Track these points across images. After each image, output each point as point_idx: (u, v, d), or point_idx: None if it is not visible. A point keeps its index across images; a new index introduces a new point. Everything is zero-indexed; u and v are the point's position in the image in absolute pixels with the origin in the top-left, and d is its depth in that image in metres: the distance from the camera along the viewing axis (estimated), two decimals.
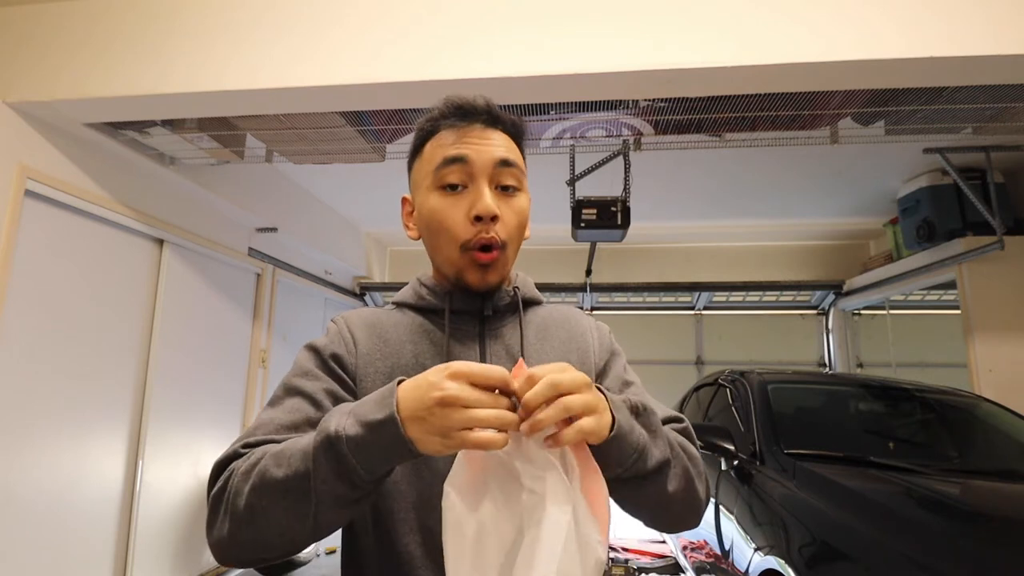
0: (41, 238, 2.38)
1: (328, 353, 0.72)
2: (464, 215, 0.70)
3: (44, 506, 2.38)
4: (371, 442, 0.52)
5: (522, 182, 0.74)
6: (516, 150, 0.75)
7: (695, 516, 0.70)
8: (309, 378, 0.69)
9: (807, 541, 1.72)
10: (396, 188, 4.09)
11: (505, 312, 0.79)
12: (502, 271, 0.74)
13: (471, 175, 0.70)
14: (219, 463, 0.62)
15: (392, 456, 0.53)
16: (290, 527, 0.55)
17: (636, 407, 0.64)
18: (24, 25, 2.29)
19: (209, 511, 0.60)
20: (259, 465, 0.57)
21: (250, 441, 0.62)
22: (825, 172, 3.81)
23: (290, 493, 0.54)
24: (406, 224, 0.80)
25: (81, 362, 2.58)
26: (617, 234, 3.09)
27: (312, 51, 2.08)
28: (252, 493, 0.56)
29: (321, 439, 0.54)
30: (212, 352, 3.50)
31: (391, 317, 0.78)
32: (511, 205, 0.72)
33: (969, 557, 1.41)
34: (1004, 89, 2.09)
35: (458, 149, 0.71)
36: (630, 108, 2.34)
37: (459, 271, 0.73)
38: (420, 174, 0.75)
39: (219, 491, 0.59)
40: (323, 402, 0.67)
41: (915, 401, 2.56)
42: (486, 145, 0.71)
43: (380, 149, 2.79)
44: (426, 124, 0.75)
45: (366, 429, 0.53)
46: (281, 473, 0.55)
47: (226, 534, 0.57)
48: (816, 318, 5.42)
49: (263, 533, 0.56)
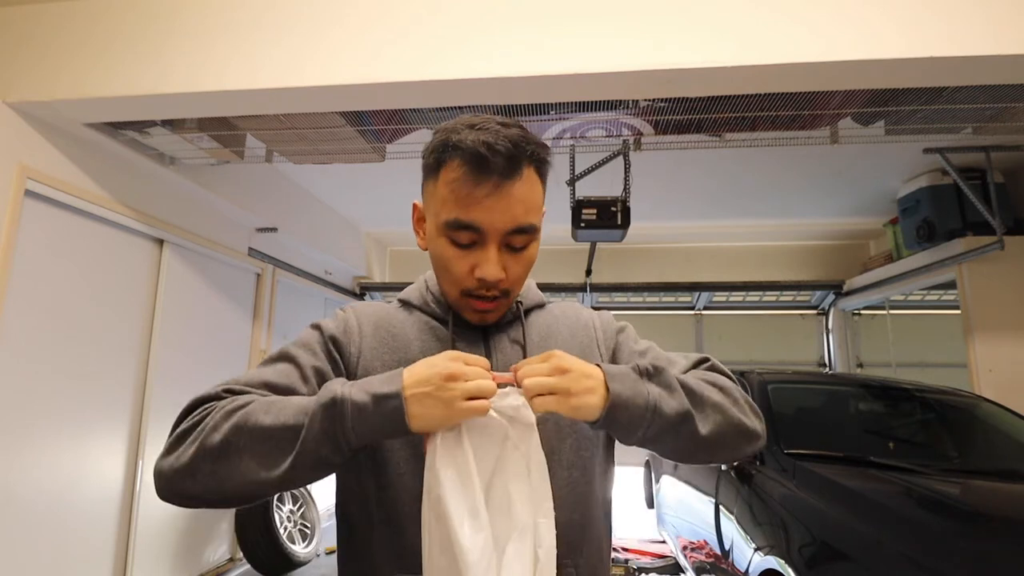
0: (41, 238, 2.38)
1: (328, 334, 0.74)
2: (468, 270, 0.70)
3: (44, 506, 2.38)
4: (373, 411, 0.58)
5: (535, 236, 0.72)
6: (536, 195, 0.71)
7: (749, 441, 0.71)
8: (306, 351, 0.72)
9: (807, 541, 1.72)
10: (396, 188, 4.10)
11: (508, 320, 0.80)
12: (503, 311, 0.76)
13: (482, 238, 0.68)
14: (196, 400, 0.65)
15: (386, 428, 0.59)
16: (256, 472, 0.58)
17: (645, 370, 0.67)
18: (24, 25, 2.29)
19: (172, 439, 0.62)
20: (245, 408, 0.60)
21: (232, 388, 0.65)
22: (825, 172, 3.81)
23: (272, 440, 0.58)
24: (416, 230, 0.80)
25: (81, 362, 2.58)
26: (617, 234, 3.09)
27: (312, 51, 2.08)
28: (232, 431, 0.59)
29: (326, 399, 0.59)
30: (212, 352, 3.50)
31: (398, 314, 0.80)
32: (519, 259, 0.72)
33: (969, 557, 1.41)
34: (1004, 89, 2.09)
35: (470, 216, 0.67)
36: (630, 108, 2.34)
37: (458, 309, 0.76)
38: (431, 201, 0.72)
39: (193, 423, 0.62)
40: (310, 378, 0.70)
41: (915, 401, 2.56)
42: (502, 209, 0.67)
43: (380, 149, 2.79)
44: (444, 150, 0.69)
45: (371, 399, 0.59)
46: (269, 420, 0.59)
47: (186, 461, 0.59)
48: (816, 318, 5.42)
49: (227, 470, 0.59)
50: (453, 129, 0.69)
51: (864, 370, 5.08)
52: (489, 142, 0.66)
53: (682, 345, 5.54)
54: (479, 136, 0.66)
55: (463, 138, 0.67)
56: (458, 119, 0.72)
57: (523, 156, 0.68)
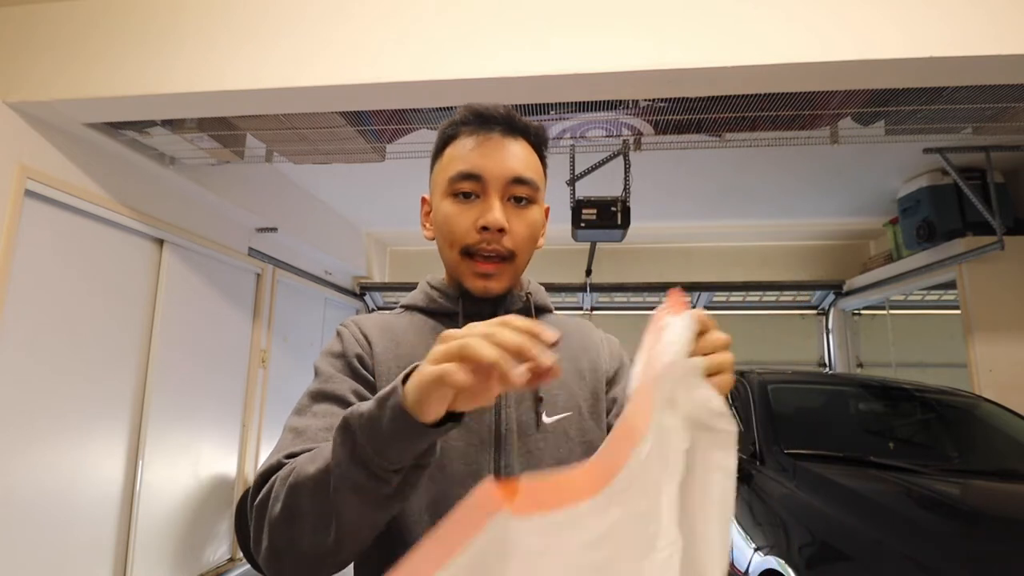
0: (41, 238, 2.38)
1: (352, 354, 0.71)
2: (472, 222, 0.70)
3: (44, 506, 2.38)
4: (378, 416, 0.49)
5: (536, 195, 0.74)
6: (535, 161, 0.75)
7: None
8: (334, 382, 0.69)
9: (807, 541, 1.72)
10: (396, 188, 4.10)
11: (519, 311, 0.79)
12: (507, 281, 0.74)
13: (484, 188, 0.71)
14: (260, 475, 0.60)
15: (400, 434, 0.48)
16: (315, 527, 0.53)
17: None
18: (24, 25, 2.28)
19: (253, 527, 0.59)
20: (296, 466, 0.56)
21: (292, 451, 0.60)
22: (825, 172, 3.81)
23: (318, 487, 0.52)
24: (423, 224, 0.80)
25: (81, 362, 2.58)
26: (617, 234, 3.09)
27: (312, 51, 2.08)
28: (288, 494, 0.54)
29: (341, 423, 0.52)
30: (212, 352, 3.50)
31: (400, 320, 0.78)
32: (522, 217, 0.72)
33: (969, 557, 1.41)
34: (1004, 89, 2.09)
35: (472, 163, 0.71)
36: (630, 108, 2.34)
37: (460, 276, 0.74)
38: (438, 178, 0.75)
39: (261, 502, 0.58)
40: (352, 401, 0.66)
41: (915, 401, 2.56)
42: (502, 158, 0.71)
43: (380, 149, 2.79)
44: (447, 129, 0.75)
45: (375, 404, 0.50)
46: (313, 468, 0.54)
47: (265, 546, 0.55)
48: (816, 318, 5.42)
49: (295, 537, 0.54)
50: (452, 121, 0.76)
51: (864, 370, 5.08)
52: (488, 106, 0.73)
53: None
54: (479, 106, 0.74)
55: (464, 114, 0.74)
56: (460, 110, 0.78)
57: (519, 127, 0.73)
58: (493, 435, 0.70)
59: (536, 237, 0.75)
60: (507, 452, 0.69)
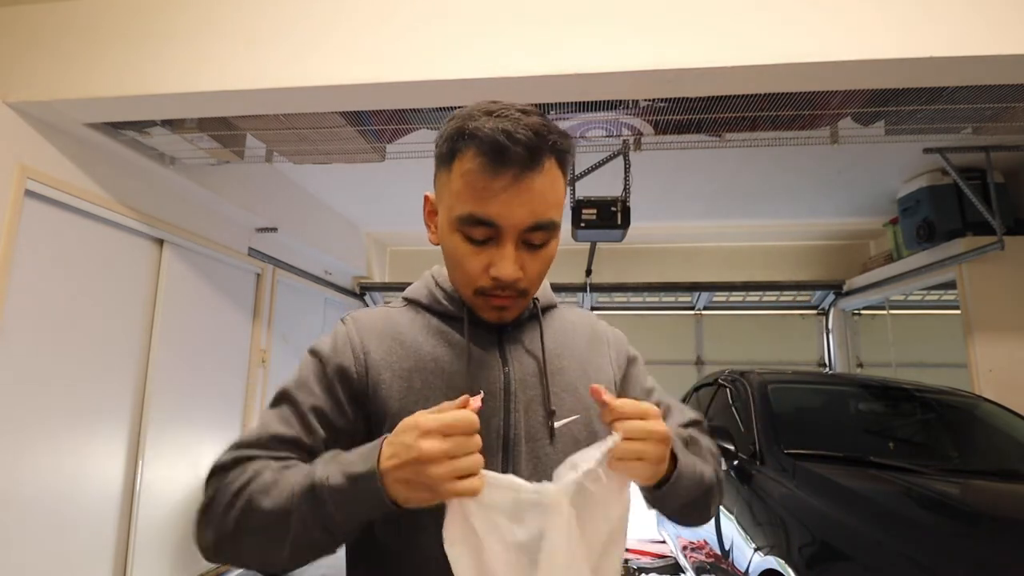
0: (41, 238, 2.38)
1: (333, 365, 0.69)
2: (483, 267, 0.65)
3: (44, 506, 2.38)
4: (351, 493, 0.54)
5: (554, 233, 0.67)
6: (557, 188, 0.66)
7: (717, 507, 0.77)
8: (304, 391, 0.67)
9: (807, 541, 1.72)
10: (396, 188, 4.09)
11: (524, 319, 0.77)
12: (520, 309, 0.72)
13: (498, 234, 0.64)
14: (215, 467, 0.63)
15: (371, 509, 0.55)
16: (266, 555, 0.59)
17: (687, 440, 0.71)
18: (24, 25, 2.28)
19: (198, 515, 0.62)
20: (250, 488, 0.59)
21: (246, 454, 0.63)
22: (825, 172, 3.81)
23: (271, 527, 0.57)
24: (427, 223, 0.74)
25: (81, 362, 2.58)
26: (617, 234, 3.09)
27: (312, 51, 2.08)
28: (240, 515, 0.58)
29: (307, 484, 0.56)
30: (212, 352, 3.50)
31: (404, 315, 0.75)
32: (537, 257, 0.67)
33: (969, 557, 1.41)
34: (1004, 89, 2.09)
35: (486, 210, 0.62)
36: (630, 108, 2.34)
37: (473, 307, 0.71)
38: (444, 192, 0.68)
39: (208, 501, 0.61)
40: (311, 423, 0.66)
41: (915, 401, 2.56)
42: (519, 203, 0.62)
43: (380, 149, 2.79)
44: (460, 139, 0.64)
45: (348, 481, 0.54)
46: (268, 505, 0.57)
47: (211, 543, 0.60)
48: (816, 318, 5.42)
49: (244, 552, 0.60)
50: (469, 116, 0.64)
51: (864, 370, 5.08)
52: (508, 130, 0.60)
53: (682, 345, 5.54)
54: (497, 124, 0.61)
55: (480, 126, 0.62)
56: (475, 104, 0.66)
57: (544, 147, 0.62)
58: (501, 441, 0.68)
59: (550, 262, 0.70)
60: (515, 458, 0.68)
